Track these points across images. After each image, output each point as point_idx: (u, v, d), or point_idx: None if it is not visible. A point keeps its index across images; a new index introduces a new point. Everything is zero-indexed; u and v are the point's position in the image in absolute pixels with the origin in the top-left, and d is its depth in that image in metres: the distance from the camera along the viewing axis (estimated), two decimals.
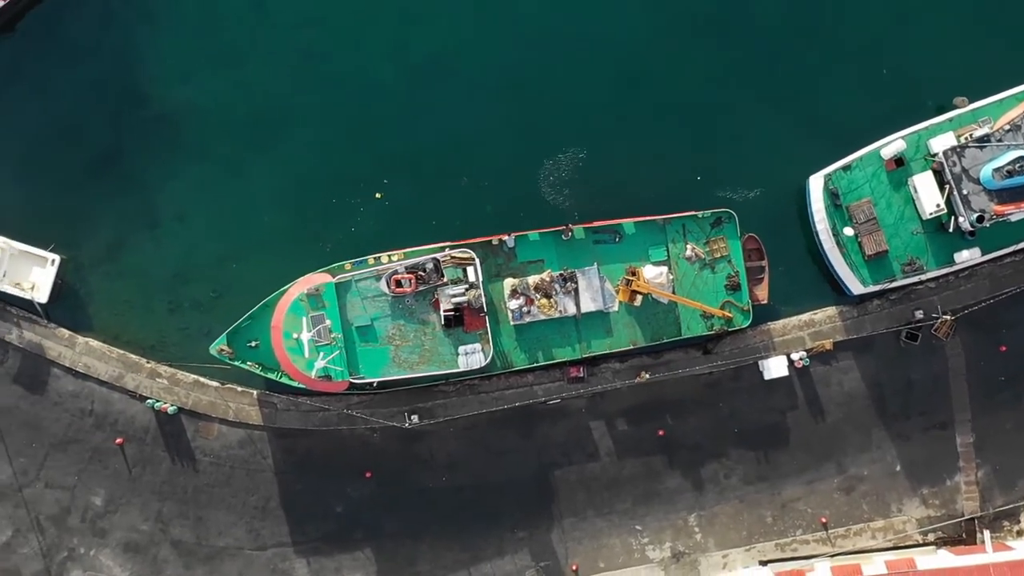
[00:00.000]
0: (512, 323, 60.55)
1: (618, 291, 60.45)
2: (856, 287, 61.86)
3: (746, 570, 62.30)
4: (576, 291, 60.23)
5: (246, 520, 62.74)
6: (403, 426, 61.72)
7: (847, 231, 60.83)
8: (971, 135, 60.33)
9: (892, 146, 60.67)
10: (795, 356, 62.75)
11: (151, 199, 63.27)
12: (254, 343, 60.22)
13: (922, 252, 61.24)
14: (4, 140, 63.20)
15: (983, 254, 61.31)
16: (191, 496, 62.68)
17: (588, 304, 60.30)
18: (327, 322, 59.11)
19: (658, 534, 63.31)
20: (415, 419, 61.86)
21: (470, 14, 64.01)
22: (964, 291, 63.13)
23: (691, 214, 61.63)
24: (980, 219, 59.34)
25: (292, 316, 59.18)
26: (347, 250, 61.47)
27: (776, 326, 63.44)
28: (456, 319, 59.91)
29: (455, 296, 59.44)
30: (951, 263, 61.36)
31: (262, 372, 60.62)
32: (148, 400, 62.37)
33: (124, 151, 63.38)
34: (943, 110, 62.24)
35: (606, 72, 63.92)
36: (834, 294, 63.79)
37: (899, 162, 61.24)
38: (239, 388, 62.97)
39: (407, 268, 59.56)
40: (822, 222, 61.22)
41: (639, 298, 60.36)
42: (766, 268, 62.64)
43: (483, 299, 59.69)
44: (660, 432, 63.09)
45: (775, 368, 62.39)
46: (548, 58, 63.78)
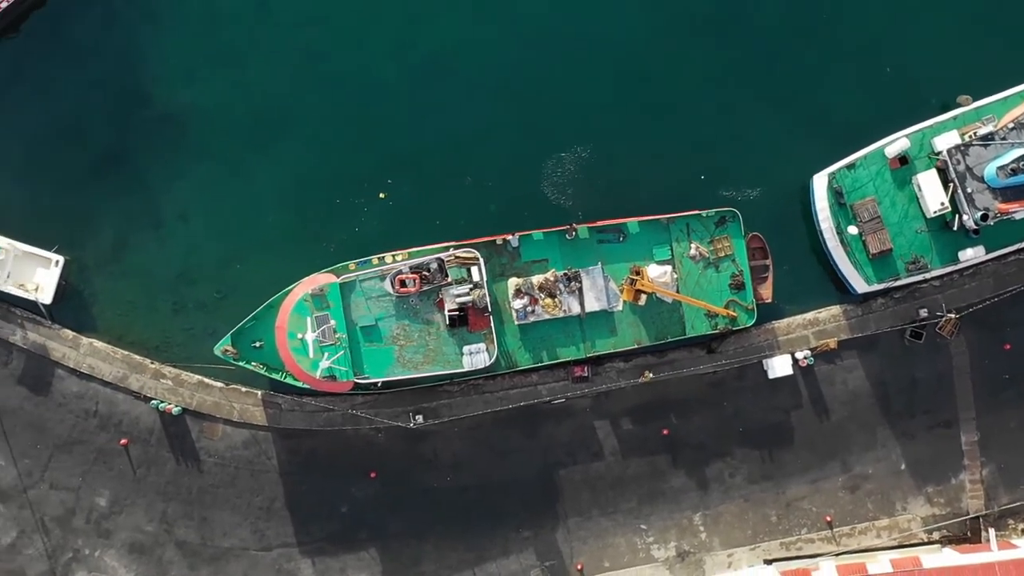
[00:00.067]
0: (516, 323, 60.51)
1: (622, 290, 60.40)
2: (860, 286, 61.85)
3: (751, 569, 62.24)
4: (580, 290, 60.18)
5: (251, 521, 62.73)
6: (408, 426, 61.72)
7: (851, 230, 60.80)
8: (975, 133, 60.36)
9: (896, 144, 60.68)
10: (799, 355, 62.74)
11: (155, 199, 63.25)
12: (258, 343, 60.23)
13: (926, 250, 61.22)
14: (7, 141, 63.14)
15: (987, 252, 61.33)
16: (196, 497, 62.67)
17: (592, 303, 60.26)
18: (331, 322, 59.07)
19: (663, 533, 63.30)
20: (420, 419, 61.85)
21: (473, 13, 63.94)
22: (968, 289, 63.12)
23: (695, 213, 61.60)
24: (984, 217, 59.31)
25: (296, 316, 59.12)
26: (351, 250, 61.43)
27: (780, 325, 63.45)
28: (460, 319, 59.92)
29: (459, 296, 59.43)
30: (955, 261, 61.37)
31: (266, 372, 60.63)
32: (152, 401, 62.34)
33: (127, 151, 63.34)
34: (947, 108, 62.26)
35: (609, 71, 63.90)
36: (838, 293, 63.82)
37: (903, 160, 61.22)
38: (243, 388, 62.96)
39: (411, 268, 59.52)
40: (826, 221, 61.21)
41: (643, 297, 60.29)
42: (770, 267, 62.56)
43: (487, 299, 59.64)
44: (664, 431, 63.09)
45: (779, 367, 62.36)
46: (551, 58, 63.76)
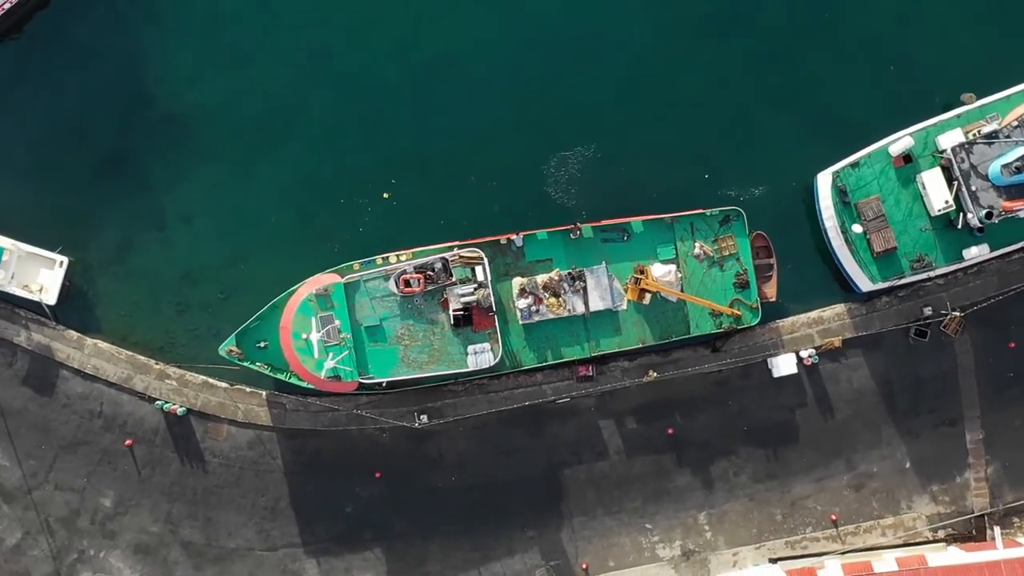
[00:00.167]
0: (521, 322, 60.47)
1: (627, 289, 60.38)
2: (865, 284, 61.83)
3: (756, 568, 62.24)
4: (585, 290, 60.14)
5: (256, 521, 62.71)
6: (412, 426, 61.71)
7: (856, 228, 60.79)
8: (979, 131, 60.32)
9: (900, 143, 60.66)
10: (804, 353, 62.72)
11: (159, 200, 63.21)
12: (263, 344, 60.17)
13: (931, 249, 61.20)
14: (11, 142, 63.10)
15: (992, 250, 61.34)
16: (200, 497, 62.65)
17: (597, 303, 60.21)
18: (336, 322, 59.07)
19: (668, 532, 63.28)
20: (424, 419, 61.84)
21: (477, 13, 63.89)
22: (973, 287, 63.10)
23: (699, 212, 61.59)
24: (989, 215, 59.29)
25: (301, 316, 59.12)
26: (355, 250, 61.39)
27: (785, 324, 63.43)
28: (465, 318, 59.90)
29: (464, 295, 59.42)
30: (960, 260, 61.38)
31: (271, 373, 60.60)
32: (157, 401, 62.33)
33: (131, 152, 63.27)
34: (951, 106, 62.22)
35: (613, 71, 63.87)
36: (843, 291, 63.78)
37: (907, 159, 61.21)
38: (248, 389, 62.95)
39: (416, 268, 59.53)
40: (830, 219, 61.19)
41: (648, 296, 60.31)
42: (775, 266, 62.55)
43: (492, 298, 59.62)
44: (669, 430, 63.07)
45: (784, 366, 62.39)
46: (555, 57, 63.73)
